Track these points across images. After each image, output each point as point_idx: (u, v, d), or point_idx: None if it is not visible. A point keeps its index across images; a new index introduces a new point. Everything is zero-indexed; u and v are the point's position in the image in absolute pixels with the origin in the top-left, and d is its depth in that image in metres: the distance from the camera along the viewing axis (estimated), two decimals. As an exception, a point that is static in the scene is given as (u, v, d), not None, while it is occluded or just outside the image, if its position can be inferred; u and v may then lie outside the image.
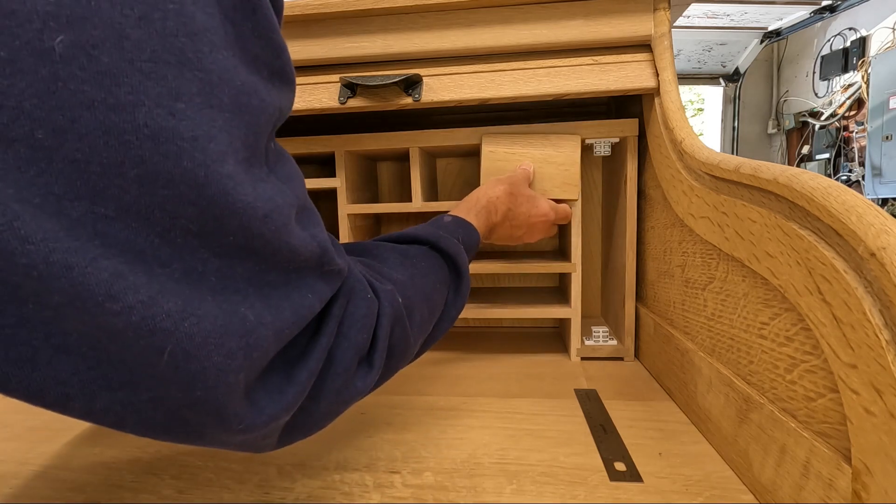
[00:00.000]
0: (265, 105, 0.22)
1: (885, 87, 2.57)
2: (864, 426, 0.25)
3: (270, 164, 0.24)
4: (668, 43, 0.57)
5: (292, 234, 0.24)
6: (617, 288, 0.70)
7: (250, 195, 0.21)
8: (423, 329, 0.37)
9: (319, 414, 0.29)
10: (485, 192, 0.54)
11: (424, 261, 0.40)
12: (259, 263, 0.23)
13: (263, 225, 0.22)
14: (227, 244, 0.21)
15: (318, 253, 0.26)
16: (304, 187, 0.28)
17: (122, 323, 0.18)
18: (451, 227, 0.47)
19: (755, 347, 0.37)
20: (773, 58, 3.57)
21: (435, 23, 0.60)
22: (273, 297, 0.23)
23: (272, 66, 0.24)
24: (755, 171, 0.35)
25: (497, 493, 0.37)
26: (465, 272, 0.44)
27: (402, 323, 0.33)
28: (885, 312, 0.24)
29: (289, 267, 0.24)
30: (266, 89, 0.23)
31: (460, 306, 0.43)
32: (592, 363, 0.66)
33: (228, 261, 0.21)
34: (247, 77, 0.21)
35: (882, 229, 0.24)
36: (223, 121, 0.20)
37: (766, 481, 0.35)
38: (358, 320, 0.29)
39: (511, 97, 0.60)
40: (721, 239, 0.41)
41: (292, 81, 0.26)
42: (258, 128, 0.22)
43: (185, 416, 0.22)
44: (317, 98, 0.61)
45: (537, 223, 0.58)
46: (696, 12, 2.90)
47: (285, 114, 0.26)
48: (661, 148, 0.56)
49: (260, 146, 0.23)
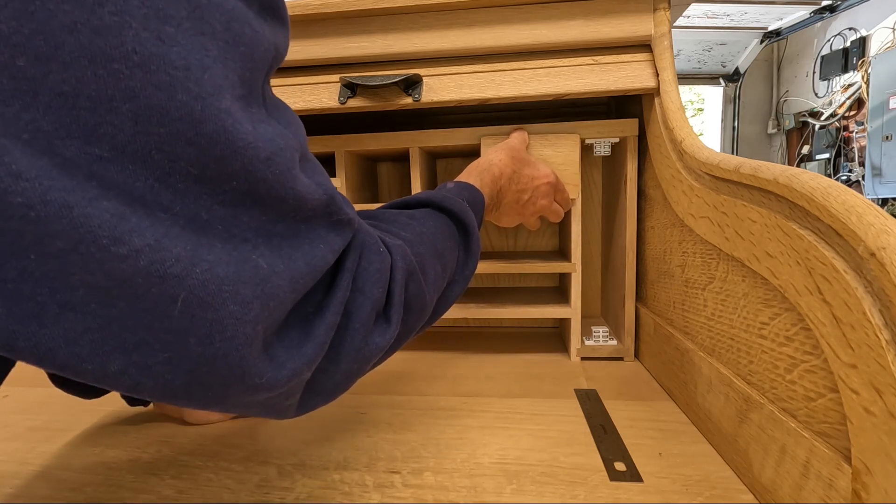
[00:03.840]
0: (259, 37, 0.21)
1: (885, 87, 2.57)
2: (864, 426, 0.25)
3: (269, 107, 0.23)
4: (668, 43, 0.57)
5: (297, 179, 0.22)
6: (617, 288, 0.70)
7: (250, 134, 0.19)
8: (437, 285, 0.37)
9: (340, 374, 0.28)
10: (486, 157, 0.54)
11: (431, 220, 0.40)
12: (265, 212, 0.21)
13: (266, 168, 0.20)
14: (231, 190, 0.19)
15: (325, 201, 0.25)
16: (305, 136, 0.26)
17: (130, 268, 0.17)
18: (455, 189, 0.47)
19: (755, 347, 0.37)
20: (773, 58, 3.57)
21: (435, 23, 0.60)
22: (284, 247, 0.22)
23: (262, 1, 0.22)
24: (755, 170, 0.35)
25: (497, 493, 0.37)
26: (473, 230, 0.43)
27: (415, 278, 0.32)
28: (885, 312, 0.24)
29: (297, 216, 0.23)
30: (258, 21, 0.21)
31: (473, 266, 0.43)
32: (592, 363, 0.66)
33: (233, 209, 0.20)
34: (235, 4, 0.19)
35: (882, 229, 0.24)
36: (217, 50, 0.18)
37: (766, 481, 0.35)
38: (372, 274, 0.28)
39: (511, 97, 0.60)
40: (721, 239, 0.41)
41: (285, 19, 0.24)
42: (253, 62, 0.20)
43: (205, 375, 0.20)
44: (317, 98, 0.61)
45: (541, 185, 0.57)
46: (696, 12, 2.90)
47: (281, 54, 0.24)
48: (661, 148, 0.56)
49: (257, 84, 0.21)
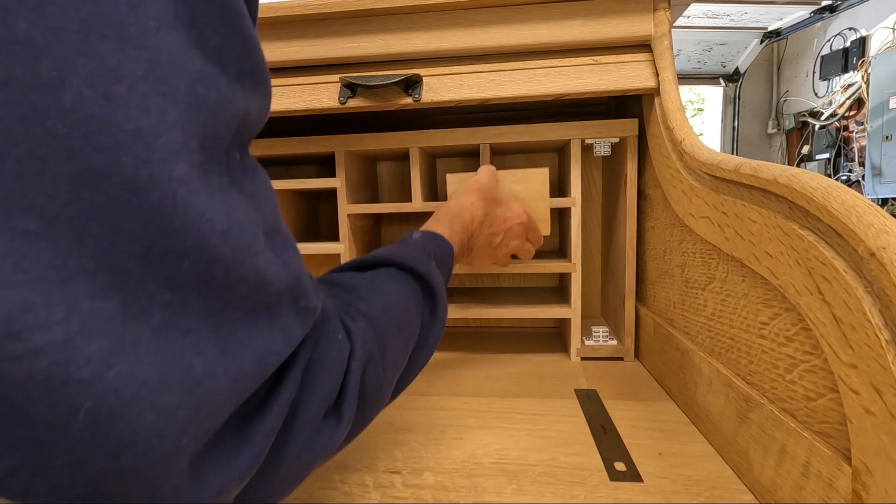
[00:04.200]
0: (226, 102, 0.19)
1: (885, 86, 2.57)
2: (864, 426, 0.25)
3: (234, 175, 0.21)
4: (668, 43, 0.57)
5: (259, 256, 0.20)
6: (617, 288, 0.70)
7: (205, 205, 0.17)
8: (397, 366, 0.34)
9: (280, 480, 0.24)
10: (457, 201, 0.51)
11: (395, 284, 0.36)
12: (221, 297, 0.19)
13: (223, 242, 0.18)
14: (182, 271, 0.17)
15: (291, 283, 0.22)
16: (277, 208, 0.24)
17: (24, 370, 0.14)
18: (420, 242, 0.43)
19: (755, 347, 0.37)
20: (773, 58, 3.57)
21: (435, 23, 0.60)
22: (233, 340, 0.19)
23: (241, 64, 0.20)
24: (755, 170, 0.35)
25: (497, 493, 0.37)
26: (439, 293, 0.39)
27: (374, 365, 0.29)
28: (885, 312, 0.24)
29: (257, 301, 0.20)
30: (229, 86, 0.19)
31: (439, 331, 0.39)
32: (592, 363, 0.66)
33: (182, 294, 0.18)
34: (203, 66, 0.18)
35: (882, 229, 0.24)
36: (178, 114, 0.17)
37: (767, 481, 0.35)
38: (326, 366, 0.25)
39: (511, 97, 0.60)
40: (721, 239, 0.41)
41: (266, 84, 0.22)
42: (217, 128, 0.19)
43: (111, 488, 0.17)
44: (317, 98, 0.61)
45: (513, 226, 0.55)
46: (695, 12, 2.90)
47: (253, 120, 0.22)
48: (661, 148, 0.56)
49: (219, 151, 0.19)
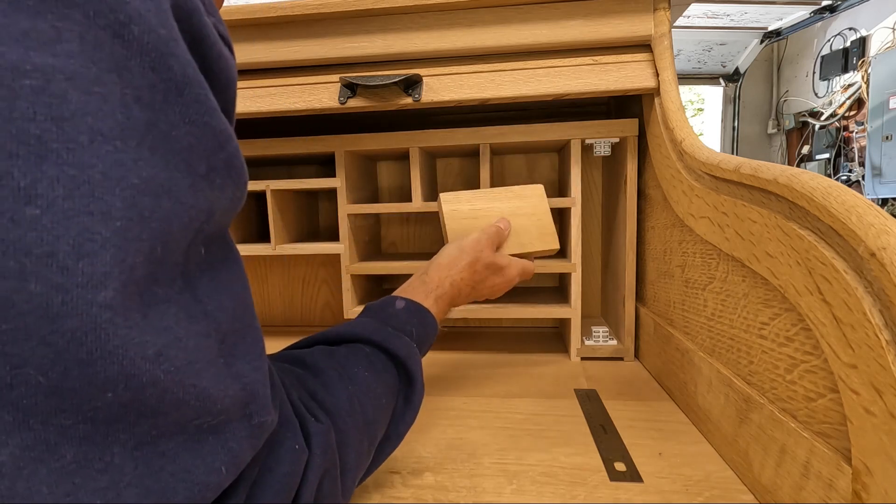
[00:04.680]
0: (183, 208, 0.18)
1: (885, 87, 2.57)
2: (865, 426, 0.25)
3: (190, 278, 0.19)
4: (667, 43, 0.57)
5: (203, 374, 0.18)
6: (617, 288, 0.70)
7: (135, 328, 0.16)
8: (358, 468, 0.31)
9: None
10: (448, 272, 0.46)
11: (368, 369, 0.34)
12: (156, 424, 0.17)
13: (156, 366, 0.16)
14: (105, 402, 0.15)
15: (243, 399, 0.20)
16: (244, 303, 0.22)
17: None
18: (404, 316, 0.40)
19: (755, 347, 0.37)
20: (773, 58, 3.57)
21: (435, 23, 0.60)
22: (166, 472, 0.17)
23: (212, 161, 0.19)
24: (755, 171, 0.35)
25: (497, 493, 0.37)
26: (417, 377, 0.37)
27: (332, 473, 0.27)
28: (885, 312, 0.24)
29: (202, 423, 0.18)
30: (193, 188, 0.18)
31: (410, 420, 0.37)
32: (592, 363, 0.66)
33: (107, 427, 0.16)
34: (156, 173, 0.17)
35: (882, 229, 0.24)
36: (111, 232, 0.15)
37: (767, 481, 0.35)
38: (278, 480, 0.23)
39: (511, 97, 0.60)
40: (721, 239, 0.41)
41: (240, 176, 0.21)
42: (170, 235, 0.17)
43: None
44: (317, 98, 0.61)
45: (500, 289, 0.52)
46: (695, 12, 2.90)
47: (221, 215, 0.21)
48: (661, 148, 0.56)
49: (171, 259, 0.18)
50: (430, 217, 0.86)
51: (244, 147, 0.71)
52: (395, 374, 0.36)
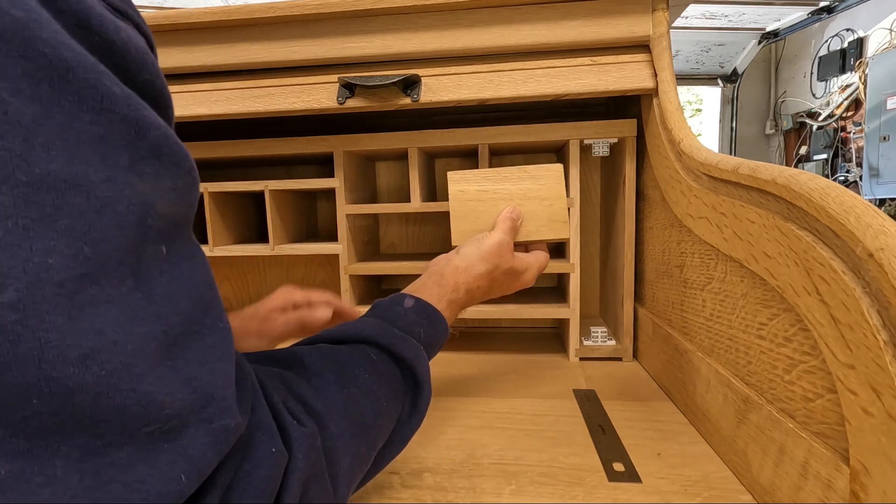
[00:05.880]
0: (101, 203, 0.17)
1: (882, 87, 2.57)
2: (863, 427, 0.25)
3: (149, 276, 0.19)
4: (666, 43, 0.57)
5: (144, 377, 0.17)
6: (615, 288, 0.70)
7: (53, 330, 0.15)
8: (355, 473, 0.29)
9: None
10: (465, 277, 0.44)
11: (370, 372, 0.32)
12: (98, 434, 0.16)
13: (83, 370, 0.15)
14: (34, 411, 0.15)
15: (197, 404, 0.19)
16: (207, 303, 0.21)
17: None
18: (413, 317, 0.39)
19: (754, 348, 0.37)
20: (770, 58, 3.58)
21: (434, 23, 0.60)
22: (116, 482, 0.16)
23: (134, 151, 0.18)
24: (753, 171, 0.35)
25: (496, 493, 0.37)
26: (424, 381, 0.36)
27: (320, 478, 0.26)
28: (882, 313, 0.24)
29: (153, 430, 0.17)
30: (109, 182, 0.17)
31: (416, 424, 0.35)
32: (591, 363, 0.66)
33: (42, 440, 0.15)
34: (53, 169, 0.16)
35: (880, 230, 0.24)
36: (4, 231, 0.15)
37: (765, 482, 0.35)
38: (255, 485, 0.22)
39: (510, 97, 0.60)
40: (719, 239, 0.41)
41: (177, 165, 0.20)
42: (96, 234, 0.16)
43: None
44: (315, 98, 0.61)
45: (514, 291, 0.50)
46: (694, 13, 2.90)
47: (167, 206, 0.20)
48: (660, 148, 0.56)
49: (112, 258, 0.17)
50: (429, 217, 0.86)
51: (244, 147, 0.70)
52: (401, 378, 0.35)
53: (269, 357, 0.31)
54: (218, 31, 0.62)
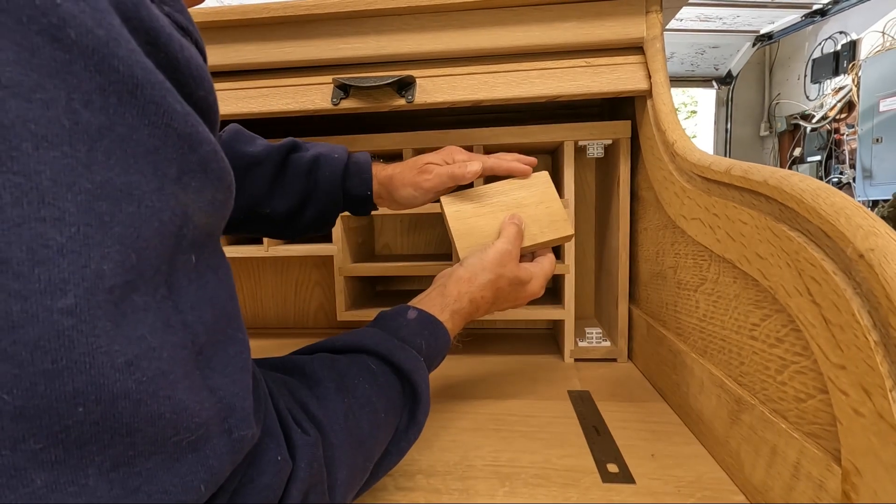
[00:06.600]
0: (150, 212, 0.17)
1: (875, 89, 2.60)
2: (854, 427, 0.25)
3: (179, 284, 0.19)
4: (660, 45, 0.57)
5: (178, 384, 0.18)
6: (610, 289, 0.70)
7: (103, 336, 0.15)
8: (351, 483, 0.30)
9: None
10: (468, 287, 0.44)
11: (369, 382, 0.32)
12: (132, 443, 0.16)
13: (127, 376, 0.16)
14: (77, 419, 0.15)
15: (220, 414, 0.19)
16: (229, 312, 0.22)
17: None
18: (415, 328, 0.38)
19: (746, 348, 0.37)
20: (765, 61, 3.60)
21: (428, 24, 0.60)
22: (142, 492, 0.17)
23: (184, 163, 0.19)
24: (746, 172, 0.35)
25: (490, 495, 0.37)
26: (423, 393, 0.35)
27: (319, 488, 0.26)
28: (873, 314, 0.24)
29: (180, 440, 0.18)
30: (159, 192, 0.18)
31: (413, 436, 0.35)
32: (586, 364, 0.66)
33: (78, 450, 0.15)
34: (112, 177, 0.16)
35: (870, 231, 0.24)
36: (66, 237, 0.15)
37: (758, 482, 0.35)
38: (258, 492, 0.22)
39: (504, 99, 0.60)
40: (713, 240, 0.42)
41: (222, 178, 0.21)
42: (140, 242, 0.17)
43: None
44: (309, 99, 0.61)
45: (522, 302, 0.50)
46: (688, 15, 2.92)
47: (202, 218, 0.20)
48: (654, 150, 0.56)
49: (151, 267, 0.18)
50: (424, 218, 0.86)
51: (237, 148, 0.70)
52: (399, 389, 0.35)
53: (270, 363, 0.31)
54: (212, 32, 0.61)
